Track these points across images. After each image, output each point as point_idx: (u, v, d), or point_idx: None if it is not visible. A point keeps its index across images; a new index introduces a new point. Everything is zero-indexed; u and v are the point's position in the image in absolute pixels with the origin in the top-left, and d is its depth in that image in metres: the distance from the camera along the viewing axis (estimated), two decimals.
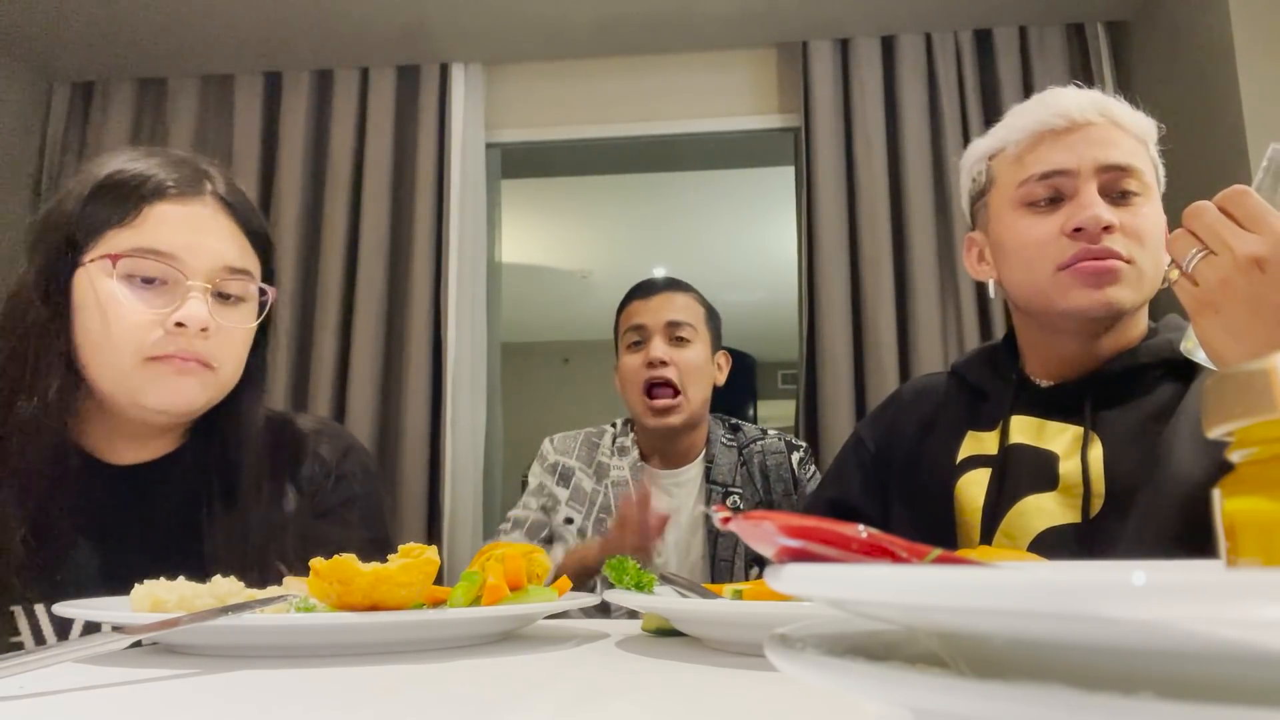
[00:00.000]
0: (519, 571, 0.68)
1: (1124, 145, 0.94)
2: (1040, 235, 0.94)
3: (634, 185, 4.30)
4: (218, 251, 0.86)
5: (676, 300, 1.57)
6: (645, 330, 1.54)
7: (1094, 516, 0.88)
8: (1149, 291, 0.93)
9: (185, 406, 0.85)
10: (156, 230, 0.83)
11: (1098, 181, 0.92)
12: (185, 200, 0.85)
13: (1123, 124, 0.95)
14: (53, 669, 0.51)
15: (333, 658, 0.59)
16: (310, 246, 2.66)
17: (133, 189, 0.84)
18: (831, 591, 0.23)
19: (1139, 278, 0.91)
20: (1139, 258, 0.90)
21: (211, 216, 0.87)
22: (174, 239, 0.83)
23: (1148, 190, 0.93)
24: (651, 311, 1.56)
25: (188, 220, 0.85)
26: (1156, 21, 2.42)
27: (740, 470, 1.57)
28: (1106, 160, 0.92)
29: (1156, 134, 0.98)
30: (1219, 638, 0.17)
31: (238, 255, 0.88)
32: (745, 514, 0.26)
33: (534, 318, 6.49)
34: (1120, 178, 0.93)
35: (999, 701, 0.18)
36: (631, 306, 1.60)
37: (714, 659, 0.58)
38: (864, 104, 2.56)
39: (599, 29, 2.62)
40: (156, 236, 0.83)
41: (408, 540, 0.68)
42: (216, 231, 0.87)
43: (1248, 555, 0.27)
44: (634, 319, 1.57)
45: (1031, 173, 0.95)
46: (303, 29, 2.57)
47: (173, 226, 0.84)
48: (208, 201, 0.87)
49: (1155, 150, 0.98)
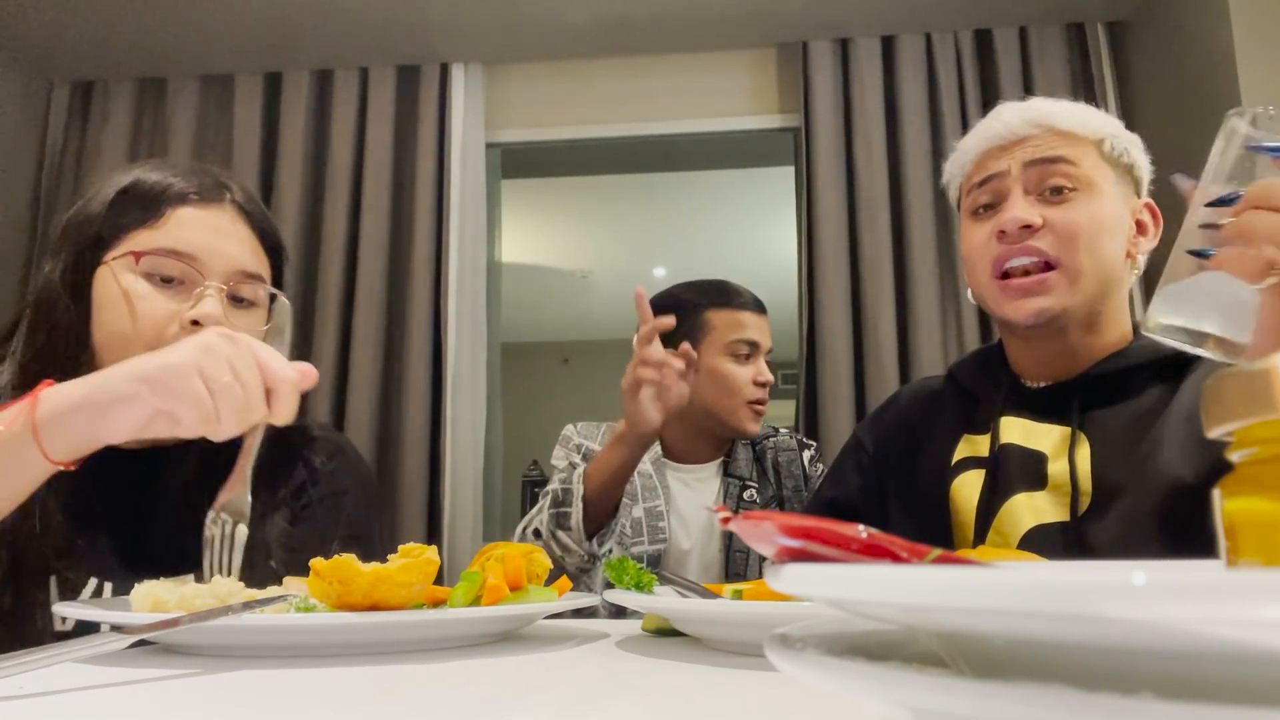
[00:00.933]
0: (519, 571, 0.68)
1: (1059, 147, 0.93)
2: (978, 241, 0.96)
3: (634, 185, 4.30)
4: (234, 256, 0.90)
5: (766, 326, 1.62)
6: (757, 348, 1.58)
7: (1081, 515, 0.89)
8: (1093, 289, 0.91)
9: None
10: (178, 232, 0.87)
11: (1024, 180, 0.93)
12: (206, 205, 0.90)
13: (1063, 128, 0.94)
14: (53, 669, 0.51)
15: (333, 658, 0.59)
16: (310, 246, 2.66)
17: (157, 194, 0.89)
18: (831, 591, 0.23)
19: (1071, 280, 0.90)
20: (1068, 258, 0.90)
21: (230, 222, 0.91)
22: (195, 241, 0.88)
23: (1089, 185, 0.92)
24: (764, 333, 1.60)
25: (208, 224, 0.89)
26: (1156, 21, 2.42)
27: (755, 466, 1.60)
28: (1032, 156, 0.93)
29: (1116, 129, 0.96)
30: (1219, 638, 0.17)
31: (252, 260, 0.92)
32: (745, 514, 0.26)
33: (534, 318, 6.49)
34: (1047, 173, 0.92)
35: (999, 701, 0.18)
36: (745, 316, 1.59)
37: (714, 659, 0.58)
38: (864, 104, 2.56)
39: (599, 29, 2.62)
40: (178, 238, 0.87)
41: (408, 540, 0.68)
42: (234, 237, 0.91)
43: (1248, 555, 0.27)
44: (749, 331, 1.58)
45: (973, 182, 0.99)
46: (303, 29, 2.57)
47: (194, 229, 0.88)
48: (227, 208, 0.92)
49: (1119, 146, 0.95)
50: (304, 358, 0.86)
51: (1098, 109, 0.98)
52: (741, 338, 1.56)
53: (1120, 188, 0.95)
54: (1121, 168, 0.96)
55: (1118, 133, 0.96)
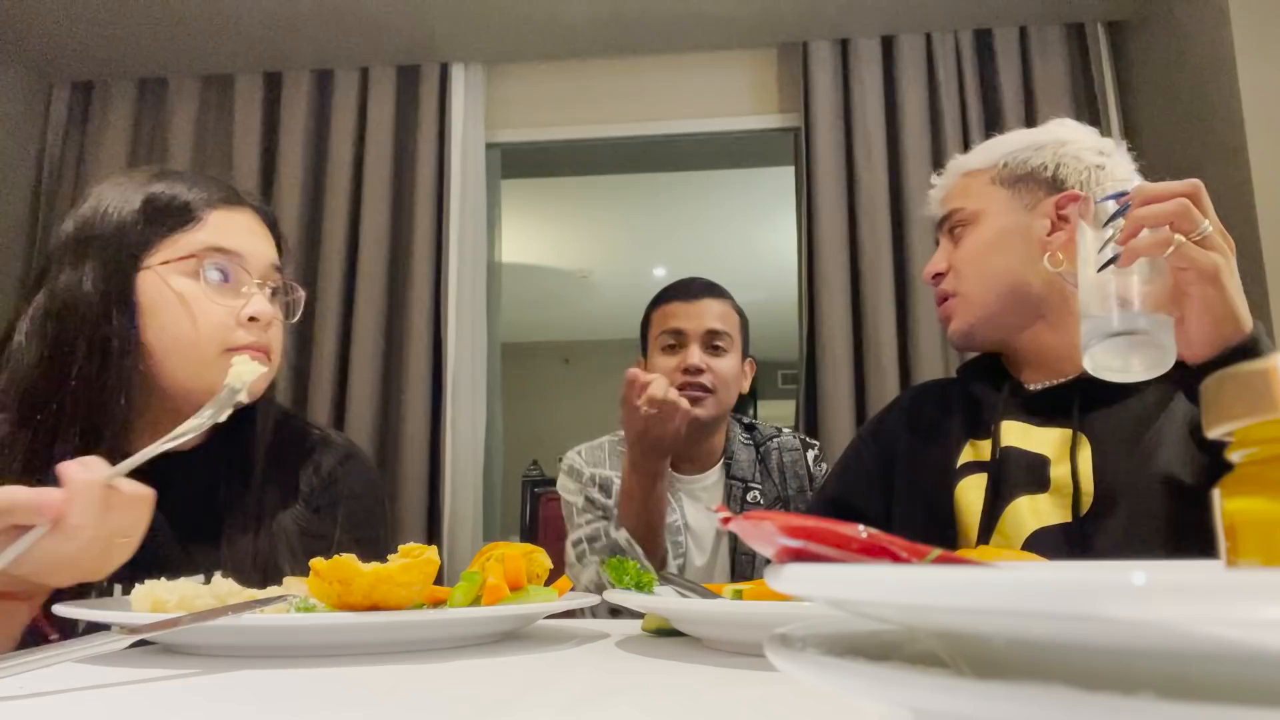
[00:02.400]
0: (519, 571, 0.68)
1: (955, 197, 1.07)
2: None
3: (634, 185, 4.30)
4: (267, 253, 0.95)
5: (716, 308, 1.55)
6: (684, 335, 1.52)
7: (1083, 516, 0.90)
8: (991, 301, 1.03)
9: (256, 393, 0.92)
10: (221, 231, 0.91)
11: (945, 232, 1.08)
12: (234, 208, 0.95)
13: (966, 170, 1.07)
14: (53, 669, 0.51)
15: (333, 658, 0.59)
16: (310, 246, 2.66)
17: (188, 199, 0.92)
18: (831, 591, 0.23)
19: (965, 303, 1.05)
20: (958, 285, 1.06)
21: (255, 222, 0.97)
22: (238, 239, 0.92)
23: (974, 218, 1.04)
24: (693, 317, 1.53)
25: (242, 224, 0.94)
26: (1156, 21, 2.42)
27: (758, 466, 1.57)
28: (943, 212, 1.08)
29: (1025, 143, 1.04)
30: (1219, 638, 0.17)
31: (276, 256, 0.97)
32: (745, 514, 0.26)
33: (534, 318, 6.49)
34: (952, 223, 1.07)
35: (999, 701, 0.18)
36: (670, 307, 1.56)
37: (714, 659, 0.58)
38: (864, 104, 2.56)
39: (599, 29, 2.62)
40: (224, 237, 0.91)
41: (408, 540, 0.68)
42: (260, 235, 0.96)
43: (1248, 555, 0.27)
44: (672, 321, 1.53)
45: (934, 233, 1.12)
46: (303, 29, 2.57)
47: (234, 229, 0.93)
48: (248, 211, 0.97)
49: (1019, 159, 1.03)
50: (304, 358, 0.87)
51: (1023, 130, 1.08)
52: (665, 329, 1.54)
53: (1016, 199, 1.02)
54: (1020, 179, 1.02)
55: (1027, 145, 1.03)
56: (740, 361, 1.57)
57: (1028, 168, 1.03)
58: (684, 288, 1.59)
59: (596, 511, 1.50)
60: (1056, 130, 1.05)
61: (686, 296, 1.56)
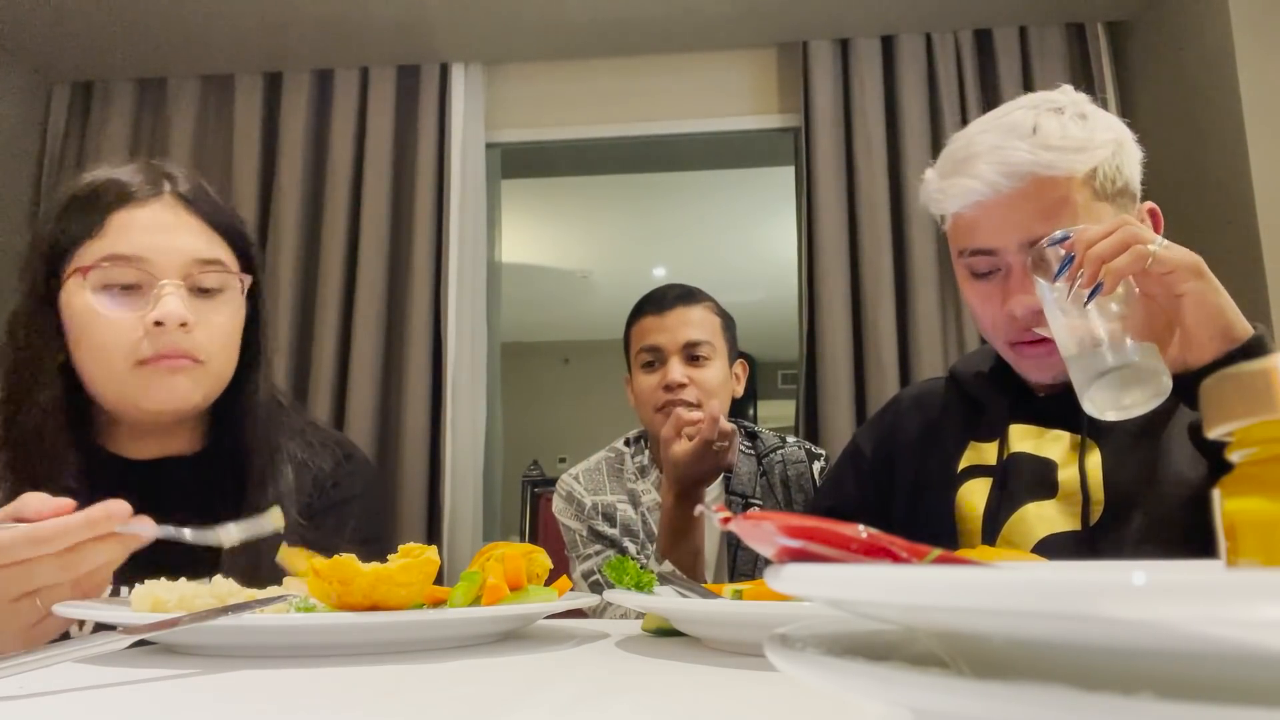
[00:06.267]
0: (519, 571, 0.68)
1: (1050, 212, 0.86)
2: (988, 309, 0.93)
3: (634, 185, 4.30)
4: (184, 247, 0.88)
5: (692, 316, 1.47)
6: (661, 352, 1.45)
7: (1094, 524, 0.88)
8: None
9: (181, 404, 0.88)
10: (120, 236, 0.86)
11: (1023, 259, 0.87)
12: (145, 203, 0.88)
13: (1052, 176, 0.87)
14: (53, 669, 0.51)
15: (333, 658, 0.59)
16: (310, 246, 2.66)
17: (95, 200, 0.87)
18: (831, 591, 0.23)
19: None
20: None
21: (174, 215, 0.89)
22: (139, 241, 0.86)
23: None
24: (667, 330, 1.46)
25: (150, 222, 0.87)
26: (1156, 21, 2.42)
27: (760, 480, 1.50)
28: (1026, 237, 0.87)
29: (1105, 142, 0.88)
30: (1219, 638, 0.17)
31: (206, 248, 0.90)
32: (745, 514, 0.26)
33: (534, 318, 6.49)
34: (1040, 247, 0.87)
35: (999, 701, 0.18)
36: (644, 323, 1.49)
37: (714, 659, 0.58)
38: (864, 104, 2.56)
39: (599, 29, 2.62)
40: (121, 242, 0.85)
41: (408, 540, 0.68)
42: (180, 228, 0.89)
43: (1248, 555, 0.27)
44: (648, 338, 1.47)
45: (964, 246, 0.93)
46: (303, 29, 2.57)
47: (135, 230, 0.86)
48: (167, 201, 0.89)
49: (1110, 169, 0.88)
50: (304, 358, 0.87)
51: (1084, 115, 0.89)
52: (642, 346, 1.48)
53: (1114, 214, 0.88)
54: (1116, 194, 0.88)
55: (1109, 147, 0.88)
56: (728, 366, 1.50)
57: (1120, 179, 0.88)
58: (656, 300, 1.51)
59: (604, 541, 1.44)
60: (1109, 124, 0.90)
61: (659, 309, 1.48)
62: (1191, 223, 2.26)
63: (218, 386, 0.92)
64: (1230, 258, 2.07)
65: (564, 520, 1.50)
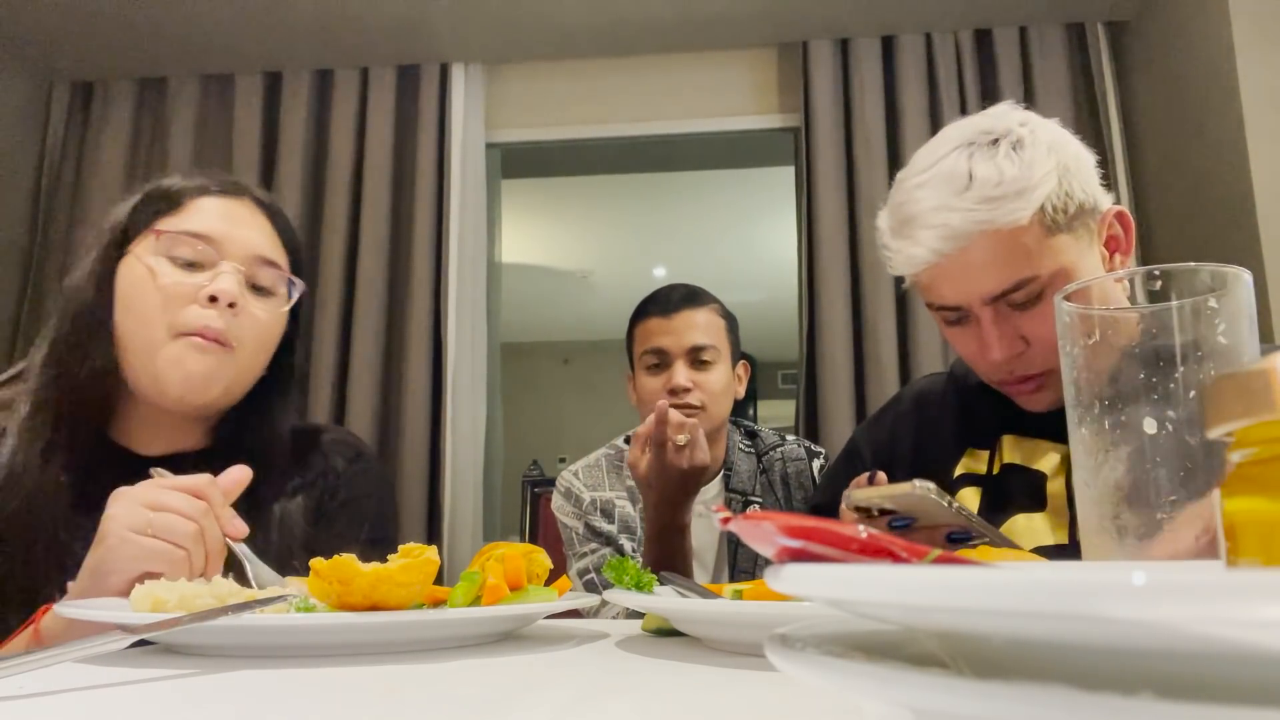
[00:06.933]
0: (519, 571, 0.68)
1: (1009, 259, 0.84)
2: (968, 352, 0.94)
3: (634, 185, 4.31)
4: (251, 241, 0.93)
5: (698, 319, 1.47)
6: (666, 355, 1.45)
7: None
8: None
9: (201, 386, 0.89)
10: (198, 216, 0.92)
11: (991, 312, 0.88)
12: (226, 197, 0.95)
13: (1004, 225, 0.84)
14: (53, 669, 0.51)
15: (333, 658, 0.59)
16: (310, 246, 2.66)
17: (179, 188, 0.94)
18: (831, 591, 0.23)
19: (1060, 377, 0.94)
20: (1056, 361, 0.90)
21: (249, 213, 0.95)
22: (213, 225, 0.91)
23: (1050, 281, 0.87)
24: (673, 334, 1.45)
25: (227, 212, 0.93)
26: (1156, 21, 2.42)
27: (760, 478, 1.50)
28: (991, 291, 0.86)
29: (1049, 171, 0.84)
30: (1219, 638, 0.17)
31: (270, 248, 0.95)
32: (745, 514, 0.26)
33: (534, 318, 6.49)
34: (1014, 301, 0.87)
35: (999, 701, 0.18)
36: (649, 324, 1.48)
37: (714, 659, 0.58)
38: (864, 104, 2.56)
39: (599, 29, 2.62)
40: (197, 221, 0.91)
41: (408, 540, 0.68)
42: (252, 224, 0.95)
43: (1248, 555, 0.27)
44: (653, 340, 1.46)
45: (932, 302, 0.93)
46: (303, 29, 2.57)
47: (213, 215, 0.92)
48: (246, 201, 0.96)
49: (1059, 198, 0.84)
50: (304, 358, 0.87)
51: (1020, 143, 0.84)
52: (647, 348, 1.47)
53: (1074, 241, 0.86)
54: (1070, 220, 0.85)
55: (1051, 178, 0.84)
56: (731, 369, 1.50)
57: (1072, 204, 0.85)
58: (662, 300, 1.51)
59: (600, 539, 1.44)
60: (1050, 145, 0.85)
61: (665, 311, 1.48)
62: (1192, 223, 2.26)
63: (239, 382, 0.93)
64: (1230, 258, 2.07)
65: (562, 518, 1.50)
